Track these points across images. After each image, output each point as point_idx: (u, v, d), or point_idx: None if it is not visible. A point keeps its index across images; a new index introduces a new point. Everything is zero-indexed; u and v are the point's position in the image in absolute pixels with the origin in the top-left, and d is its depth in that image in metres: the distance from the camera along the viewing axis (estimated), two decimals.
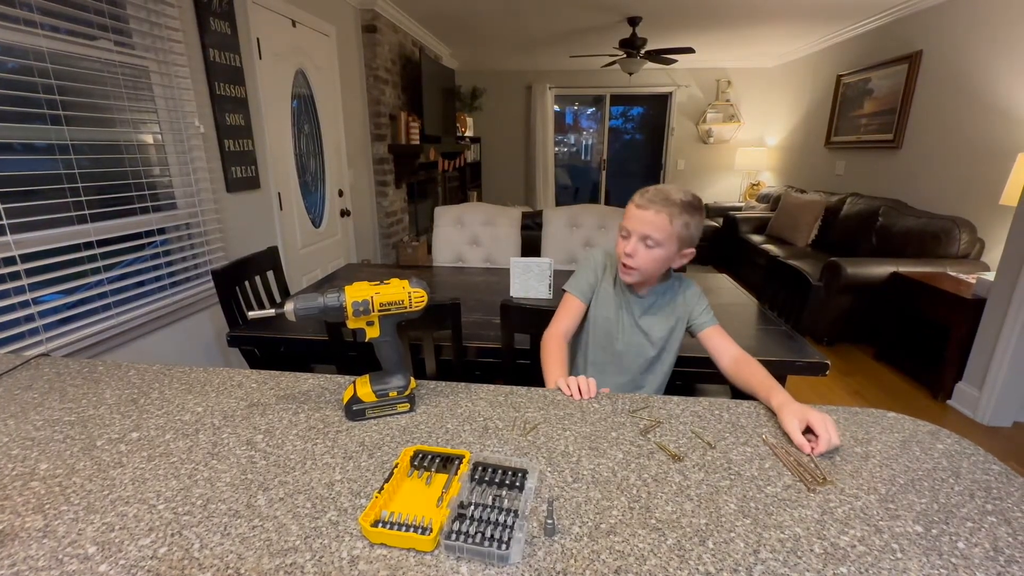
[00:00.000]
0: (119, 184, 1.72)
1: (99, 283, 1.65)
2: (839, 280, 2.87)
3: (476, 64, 6.10)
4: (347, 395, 0.86)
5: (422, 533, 0.56)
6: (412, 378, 0.89)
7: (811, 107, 4.97)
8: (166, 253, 1.93)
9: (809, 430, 0.78)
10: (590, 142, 6.79)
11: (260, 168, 2.46)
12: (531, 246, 2.45)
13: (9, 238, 1.36)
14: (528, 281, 1.76)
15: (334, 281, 2.02)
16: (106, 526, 0.60)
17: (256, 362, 1.61)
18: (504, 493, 0.65)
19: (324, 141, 3.16)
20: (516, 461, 0.69)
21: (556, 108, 6.44)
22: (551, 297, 1.74)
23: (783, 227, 4.36)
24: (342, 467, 0.71)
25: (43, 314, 1.46)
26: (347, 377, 0.97)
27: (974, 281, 2.41)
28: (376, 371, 0.88)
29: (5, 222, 1.35)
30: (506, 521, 0.58)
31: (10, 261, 1.37)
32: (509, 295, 1.77)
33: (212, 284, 1.69)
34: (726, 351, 1.07)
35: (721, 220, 5.21)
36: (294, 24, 2.74)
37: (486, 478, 0.66)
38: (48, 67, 1.45)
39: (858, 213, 3.66)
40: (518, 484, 0.65)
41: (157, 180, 1.89)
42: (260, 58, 2.44)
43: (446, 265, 2.39)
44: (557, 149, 6.66)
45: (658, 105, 6.33)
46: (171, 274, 1.95)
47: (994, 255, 2.73)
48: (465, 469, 0.68)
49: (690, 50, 4.12)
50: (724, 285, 1.98)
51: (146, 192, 1.82)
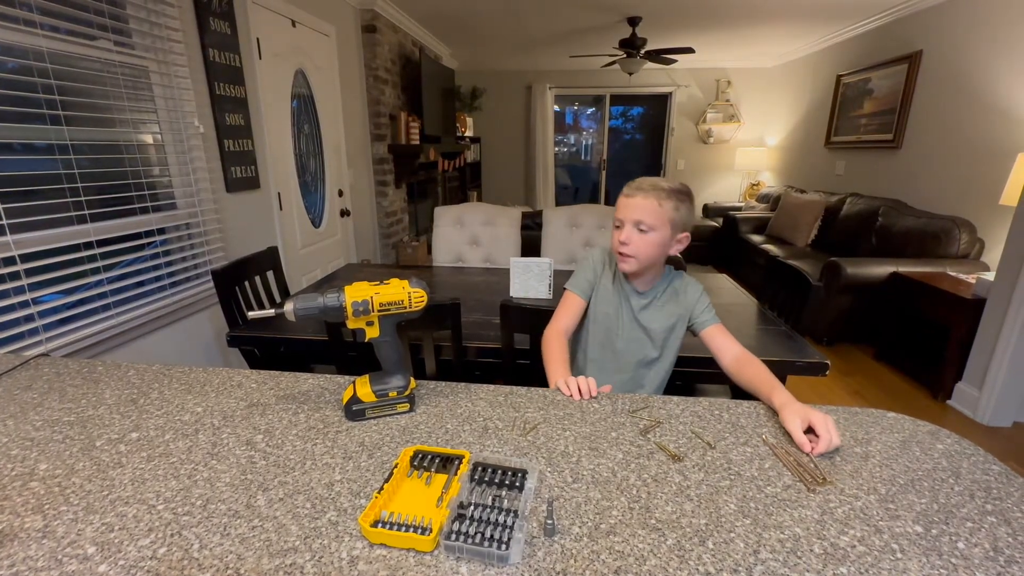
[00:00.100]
0: (119, 184, 1.72)
1: (99, 283, 1.65)
2: (839, 280, 2.87)
3: (476, 64, 6.10)
4: (347, 395, 0.86)
5: (422, 533, 0.56)
6: (412, 378, 0.89)
7: (811, 107, 4.97)
8: (166, 253, 1.93)
9: (810, 430, 0.78)
10: (590, 142, 6.79)
11: (260, 168, 2.46)
12: (531, 246, 2.45)
13: (9, 238, 1.36)
14: (528, 281, 1.76)
15: (334, 281, 2.02)
16: (105, 526, 0.60)
17: (256, 362, 1.61)
18: (504, 493, 0.64)
19: (324, 141, 3.16)
20: (516, 461, 0.69)
21: (556, 108, 6.44)
22: (551, 297, 1.74)
23: (783, 227, 4.36)
24: (342, 467, 0.71)
25: (43, 314, 1.46)
26: (347, 377, 0.97)
27: (974, 281, 2.41)
28: (376, 371, 0.88)
29: (5, 222, 1.35)
30: (506, 521, 0.58)
31: (10, 261, 1.37)
32: (509, 295, 1.77)
33: (212, 284, 1.69)
34: (728, 350, 1.07)
35: (721, 220, 5.21)
36: (294, 24, 2.74)
37: (486, 478, 0.66)
38: (48, 67, 1.45)
39: (858, 213, 3.66)
40: (518, 484, 0.65)
41: (157, 180, 1.89)
42: (260, 58, 2.44)
43: (446, 265, 2.39)
44: (557, 149, 6.66)
45: (658, 105, 6.33)
46: (171, 274, 1.95)
47: (994, 255, 2.73)
48: (465, 469, 0.68)
49: (690, 50, 4.13)
50: (724, 285, 1.98)
51: (146, 192, 1.82)
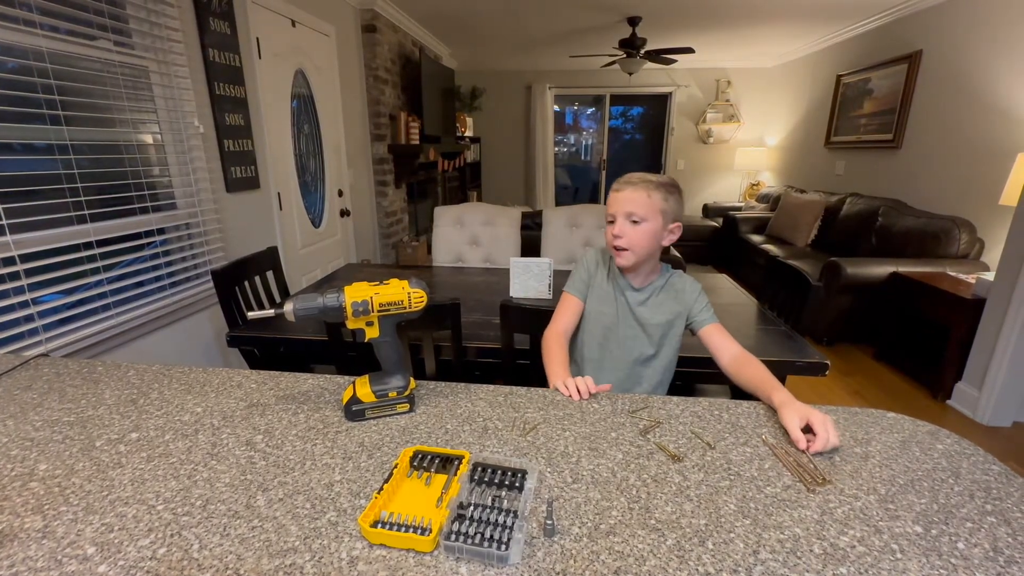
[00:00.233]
0: (119, 184, 1.72)
1: (99, 283, 1.65)
2: (839, 280, 2.87)
3: (476, 64, 6.10)
4: (347, 395, 0.86)
5: (421, 534, 0.56)
6: (412, 378, 0.89)
7: (811, 107, 4.97)
8: (166, 253, 1.93)
9: (809, 429, 0.78)
10: (590, 142, 6.79)
11: (260, 168, 2.46)
12: (531, 246, 2.45)
13: (9, 238, 1.36)
14: (528, 281, 1.76)
15: (333, 281, 2.02)
16: (105, 527, 0.60)
17: (256, 362, 1.61)
18: (503, 494, 0.64)
19: (324, 141, 3.16)
20: (516, 462, 0.69)
21: (556, 108, 6.44)
22: (551, 297, 1.74)
23: (783, 227, 4.36)
24: (341, 467, 0.71)
25: (42, 314, 1.46)
26: (347, 377, 0.97)
27: (974, 281, 2.41)
28: (376, 371, 0.88)
29: (5, 222, 1.35)
30: (505, 522, 0.58)
31: (10, 261, 1.37)
32: (509, 295, 1.77)
33: (212, 284, 1.69)
34: (726, 349, 1.07)
35: (721, 220, 5.21)
36: (294, 24, 2.74)
37: (485, 479, 0.66)
38: (48, 67, 1.45)
39: (858, 213, 3.66)
40: (517, 485, 0.65)
41: (157, 180, 1.89)
42: (260, 58, 2.44)
43: (446, 265, 2.39)
44: (557, 149, 6.65)
45: (658, 105, 6.33)
46: (171, 274, 1.95)
47: (994, 255, 2.73)
48: (464, 470, 0.68)
49: (690, 50, 4.13)
50: (724, 285, 1.98)
51: (146, 192, 1.82)
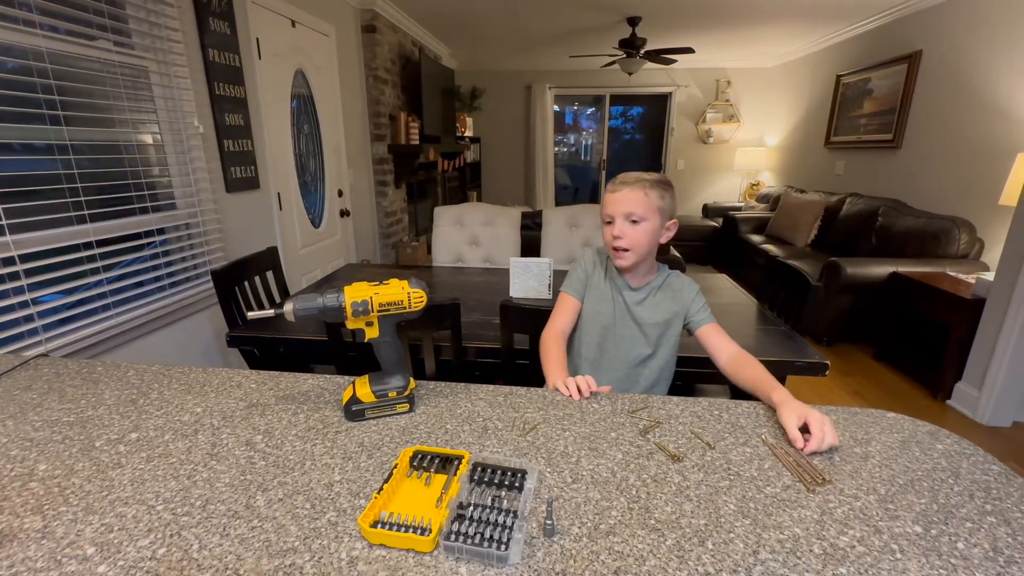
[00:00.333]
0: (118, 184, 1.72)
1: (98, 283, 1.65)
2: (839, 280, 2.87)
3: (476, 64, 6.09)
4: (346, 395, 0.86)
5: (421, 534, 0.56)
6: (411, 378, 0.89)
7: (811, 107, 4.97)
8: (165, 253, 1.93)
9: (808, 429, 0.78)
10: (590, 142, 6.79)
11: (260, 168, 2.46)
12: (531, 246, 2.45)
13: (8, 238, 1.36)
14: (528, 281, 1.76)
15: (333, 281, 2.02)
16: (105, 527, 0.60)
17: (255, 362, 1.61)
18: (503, 494, 0.64)
19: (324, 141, 3.16)
20: (515, 462, 0.69)
21: (556, 108, 6.44)
22: (551, 297, 1.74)
23: (783, 227, 4.36)
24: (341, 468, 0.71)
25: (42, 314, 1.46)
26: (346, 377, 0.97)
27: (973, 281, 2.41)
28: (375, 371, 0.88)
29: (4, 222, 1.35)
30: (505, 522, 0.58)
31: (9, 261, 1.37)
32: (509, 295, 1.77)
33: (211, 284, 1.69)
34: (724, 349, 1.07)
35: (721, 220, 5.20)
36: (293, 24, 2.74)
37: (485, 479, 0.66)
38: (47, 67, 1.45)
39: (858, 213, 3.66)
40: (517, 485, 0.65)
41: (156, 180, 1.89)
42: (259, 58, 2.44)
43: (446, 265, 2.39)
44: (557, 149, 6.65)
45: (658, 105, 6.32)
46: (170, 274, 1.95)
47: (993, 255, 2.73)
48: (464, 470, 0.68)
49: (690, 50, 4.13)
50: (724, 285, 1.98)
51: (145, 192, 1.82)
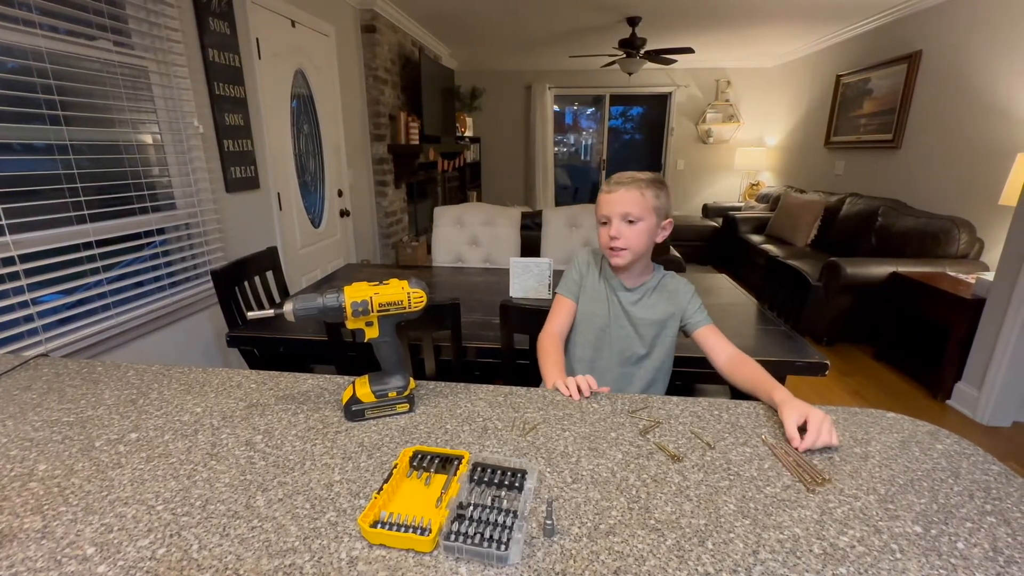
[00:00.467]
0: (118, 184, 1.72)
1: (98, 283, 1.65)
2: (839, 280, 2.87)
3: (476, 64, 6.09)
4: (346, 395, 0.86)
5: (421, 534, 0.56)
6: (411, 378, 0.89)
7: (810, 107, 4.97)
8: (165, 253, 1.93)
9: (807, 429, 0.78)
10: (590, 142, 6.79)
11: (259, 168, 2.46)
12: (531, 246, 2.45)
13: (8, 238, 1.36)
14: (528, 281, 1.76)
15: (333, 281, 2.02)
16: (105, 527, 0.60)
17: (255, 362, 1.61)
18: (503, 494, 0.64)
19: (323, 141, 3.16)
20: (515, 462, 0.69)
21: (556, 108, 6.44)
22: (551, 297, 1.73)
23: (783, 227, 4.36)
24: (341, 468, 0.71)
25: (42, 314, 1.46)
26: (346, 377, 0.97)
27: (973, 281, 2.41)
28: (375, 371, 0.88)
29: (4, 222, 1.35)
30: (505, 522, 0.58)
31: (9, 261, 1.37)
32: (509, 295, 1.77)
33: (211, 284, 1.69)
34: (722, 350, 1.07)
35: (721, 220, 5.21)
36: (293, 24, 2.74)
37: (485, 479, 0.66)
38: (47, 67, 1.45)
39: (857, 213, 3.66)
40: (517, 485, 0.65)
41: (156, 180, 1.89)
42: (259, 58, 2.44)
43: (445, 265, 2.39)
44: (557, 149, 6.65)
45: (658, 105, 6.33)
46: (170, 274, 1.95)
47: (993, 255, 2.73)
48: (464, 470, 0.68)
49: (689, 50, 4.13)
50: (724, 285, 1.98)
51: (145, 192, 1.82)
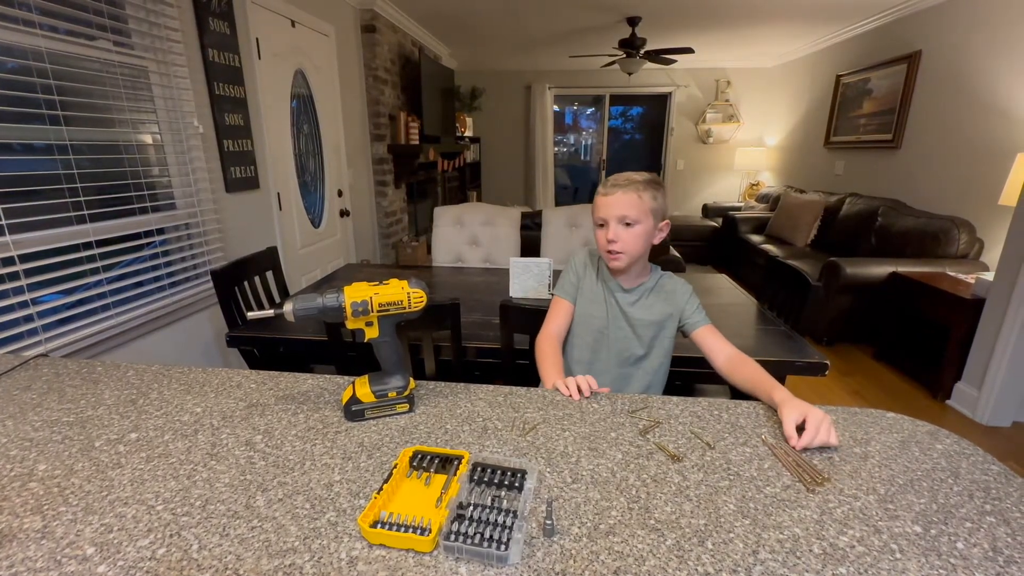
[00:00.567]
0: (118, 184, 1.72)
1: (98, 283, 1.65)
2: (838, 280, 2.87)
3: (475, 64, 6.09)
4: (346, 396, 0.86)
5: (421, 534, 0.56)
6: (411, 378, 0.89)
7: (810, 107, 4.97)
8: (165, 253, 1.93)
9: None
10: (589, 142, 6.79)
11: (259, 168, 2.46)
12: (530, 246, 2.45)
13: (8, 238, 1.36)
14: (527, 281, 1.76)
15: (333, 281, 2.02)
16: (104, 527, 0.60)
17: (255, 362, 1.61)
18: (503, 494, 0.64)
19: (323, 141, 3.16)
20: (515, 462, 0.69)
21: (555, 108, 6.44)
22: (551, 297, 1.73)
23: (782, 227, 4.36)
24: (341, 468, 0.71)
25: (42, 314, 1.46)
26: (346, 378, 0.97)
27: (973, 281, 2.41)
28: (375, 371, 0.88)
29: (4, 222, 1.35)
30: (505, 522, 0.58)
31: (9, 261, 1.37)
32: (508, 295, 1.77)
33: (211, 284, 1.69)
34: (721, 351, 1.07)
35: (720, 220, 5.21)
36: (293, 24, 2.74)
37: (485, 479, 0.66)
38: (47, 67, 1.45)
39: (857, 213, 3.66)
40: (517, 485, 0.65)
41: (156, 180, 1.89)
42: (259, 58, 2.44)
43: (445, 265, 2.39)
44: (557, 149, 6.65)
45: (657, 105, 6.33)
46: (170, 274, 1.95)
47: (993, 255, 2.73)
48: (464, 470, 0.68)
49: (689, 50, 4.13)
50: (723, 285, 1.98)
51: (145, 192, 1.82)
